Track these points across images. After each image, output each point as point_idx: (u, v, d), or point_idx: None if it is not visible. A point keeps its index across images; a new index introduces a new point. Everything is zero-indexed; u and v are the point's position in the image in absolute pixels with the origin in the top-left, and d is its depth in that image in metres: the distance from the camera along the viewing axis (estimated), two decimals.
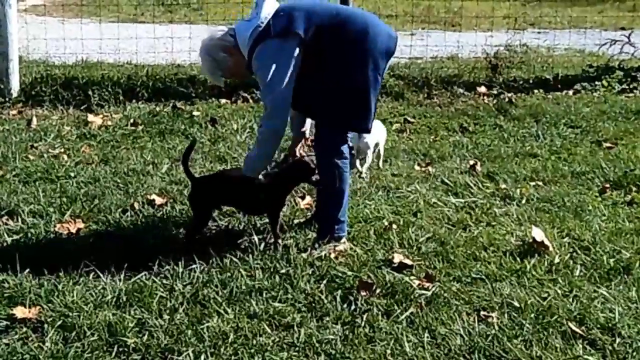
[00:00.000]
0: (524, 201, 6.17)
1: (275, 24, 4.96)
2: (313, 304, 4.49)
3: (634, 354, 4.10)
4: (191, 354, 4.03)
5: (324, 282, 4.71)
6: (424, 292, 4.60)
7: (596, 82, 10.39)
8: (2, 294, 4.56)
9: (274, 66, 4.92)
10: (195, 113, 8.77)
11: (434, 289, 4.64)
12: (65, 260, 4.93)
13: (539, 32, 14.56)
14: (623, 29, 14.16)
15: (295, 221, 5.69)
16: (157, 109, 8.96)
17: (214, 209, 5.50)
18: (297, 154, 5.53)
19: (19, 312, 4.33)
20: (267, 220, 5.38)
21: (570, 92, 10.18)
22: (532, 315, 4.40)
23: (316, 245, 5.17)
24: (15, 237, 5.39)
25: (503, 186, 6.51)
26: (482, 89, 10.09)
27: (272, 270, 4.85)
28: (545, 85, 10.41)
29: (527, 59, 11.10)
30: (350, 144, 5.45)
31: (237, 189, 5.27)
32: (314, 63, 4.98)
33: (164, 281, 4.71)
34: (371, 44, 5.02)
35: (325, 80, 5.03)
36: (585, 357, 4.07)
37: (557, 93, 10.13)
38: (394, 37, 5.21)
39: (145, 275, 4.76)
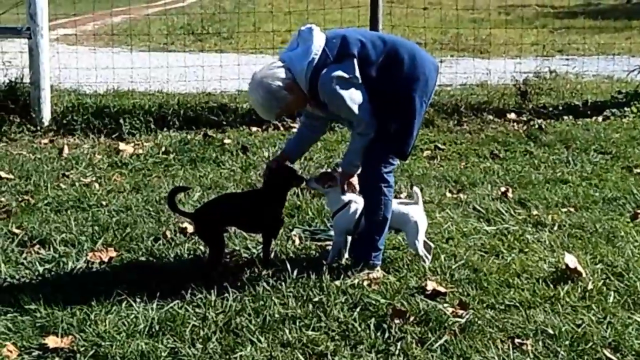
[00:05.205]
0: (555, 227, 6.14)
1: (331, 49, 5.01)
2: (346, 332, 4.48)
3: None
4: None
5: (357, 309, 4.70)
6: (457, 319, 4.58)
7: (625, 108, 10.34)
8: (34, 323, 4.58)
9: (344, 89, 4.98)
10: (226, 141, 8.81)
11: (467, 316, 4.62)
12: (98, 289, 4.95)
13: (567, 59, 14.54)
14: None
15: (328, 247, 5.67)
16: (188, 137, 9.01)
17: (224, 231, 5.50)
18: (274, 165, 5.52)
19: (51, 341, 4.34)
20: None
21: (600, 118, 10.14)
22: (567, 342, 4.37)
23: (349, 273, 5.17)
24: (47, 266, 5.41)
25: (535, 212, 6.48)
26: (512, 116, 10.07)
27: (305, 298, 4.84)
28: (575, 111, 10.37)
29: (556, 85, 11.05)
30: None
31: (237, 208, 5.41)
32: (365, 86, 5.03)
33: (197, 310, 4.71)
34: (418, 71, 5.11)
35: (373, 102, 5.06)
36: None
37: (586, 119, 10.08)
38: (436, 65, 5.31)
39: (177, 303, 4.76)
